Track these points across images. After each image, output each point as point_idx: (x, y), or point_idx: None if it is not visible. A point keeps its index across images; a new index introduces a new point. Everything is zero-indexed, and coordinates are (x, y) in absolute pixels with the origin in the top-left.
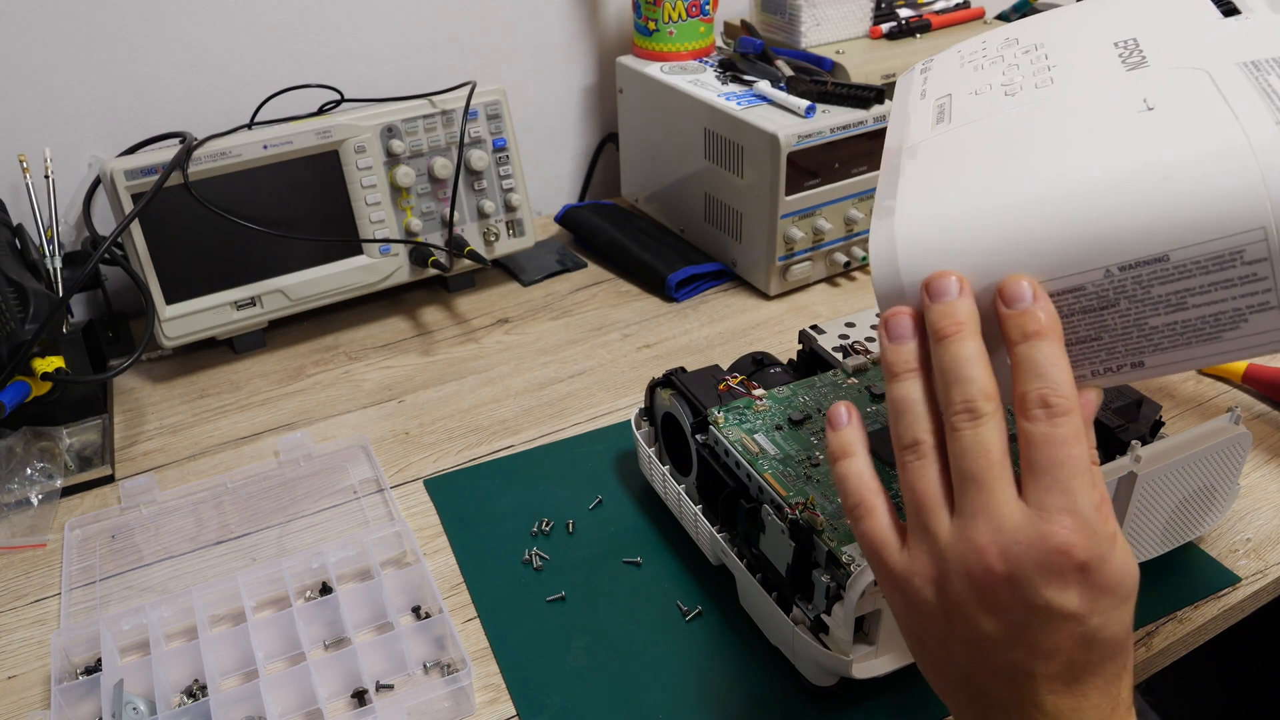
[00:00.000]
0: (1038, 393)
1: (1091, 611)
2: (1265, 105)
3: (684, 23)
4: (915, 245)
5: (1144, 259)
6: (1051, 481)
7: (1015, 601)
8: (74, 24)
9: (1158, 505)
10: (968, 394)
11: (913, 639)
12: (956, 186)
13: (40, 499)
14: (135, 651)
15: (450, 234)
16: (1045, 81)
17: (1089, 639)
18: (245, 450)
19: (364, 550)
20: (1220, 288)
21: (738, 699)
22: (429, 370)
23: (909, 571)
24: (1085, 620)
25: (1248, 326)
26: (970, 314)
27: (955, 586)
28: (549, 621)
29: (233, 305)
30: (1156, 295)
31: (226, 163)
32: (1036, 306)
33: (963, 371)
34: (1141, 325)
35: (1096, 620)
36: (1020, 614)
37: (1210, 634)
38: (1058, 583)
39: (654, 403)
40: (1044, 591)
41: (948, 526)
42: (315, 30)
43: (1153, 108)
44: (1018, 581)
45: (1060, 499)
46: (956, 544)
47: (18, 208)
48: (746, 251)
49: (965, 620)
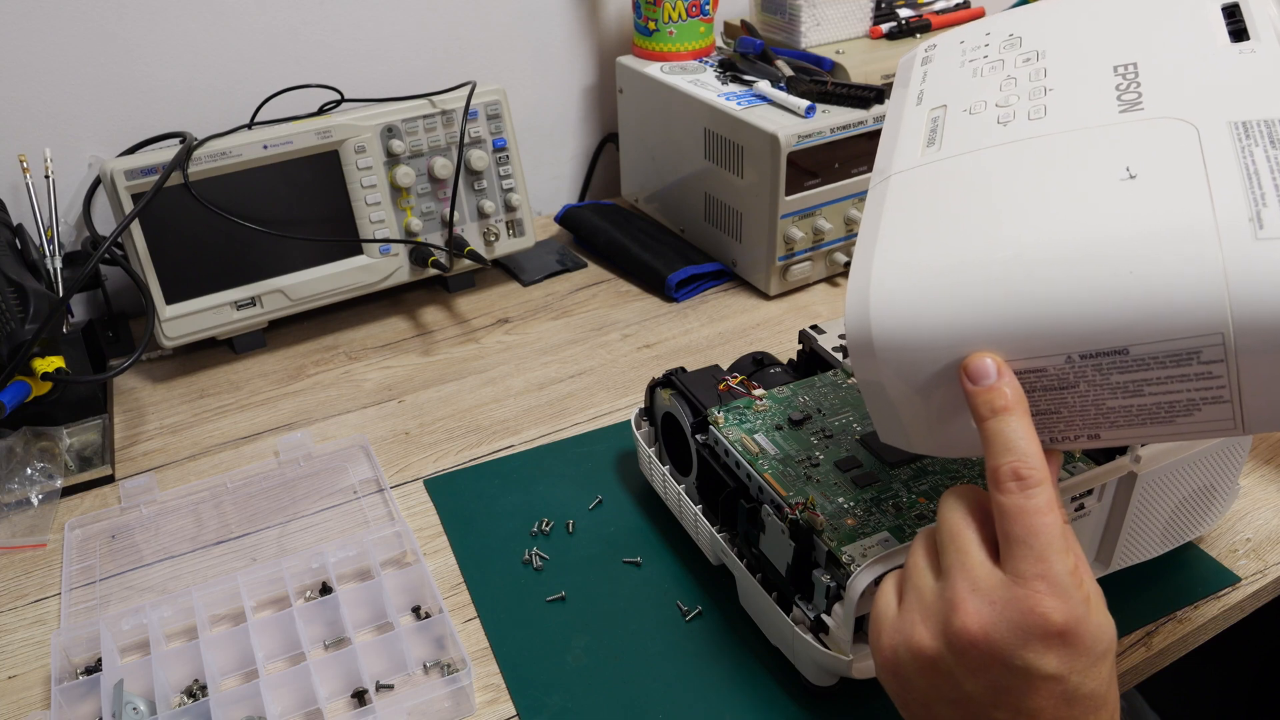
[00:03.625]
0: (1009, 466)
1: (1070, 671)
2: (1243, 192)
3: (684, 23)
4: (887, 311)
5: (1104, 350)
6: (1026, 550)
7: (994, 662)
8: (74, 24)
9: (1158, 505)
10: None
11: (899, 701)
12: (934, 241)
13: (40, 499)
14: (135, 651)
15: (450, 234)
16: (1039, 110)
17: (1070, 696)
18: (245, 450)
19: (364, 550)
20: (1176, 380)
21: (738, 699)
22: (429, 370)
23: (903, 628)
24: (1065, 680)
25: (1201, 415)
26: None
27: (938, 644)
28: (549, 621)
29: (233, 305)
30: (1115, 381)
31: (226, 163)
32: (1002, 383)
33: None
34: (1099, 405)
35: (1076, 679)
36: (1000, 675)
37: (1210, 634)
38: (1037, 646)
39: (654, 403)
40: (1023, 654)
41: (932, 585)
42: (315, 30)
43: (1134, 176)
44: (995, 642)
45: (1035, 566)
46: (937, 604)
47: (18, 208)
48: (746, 251)
49: (947, 679)
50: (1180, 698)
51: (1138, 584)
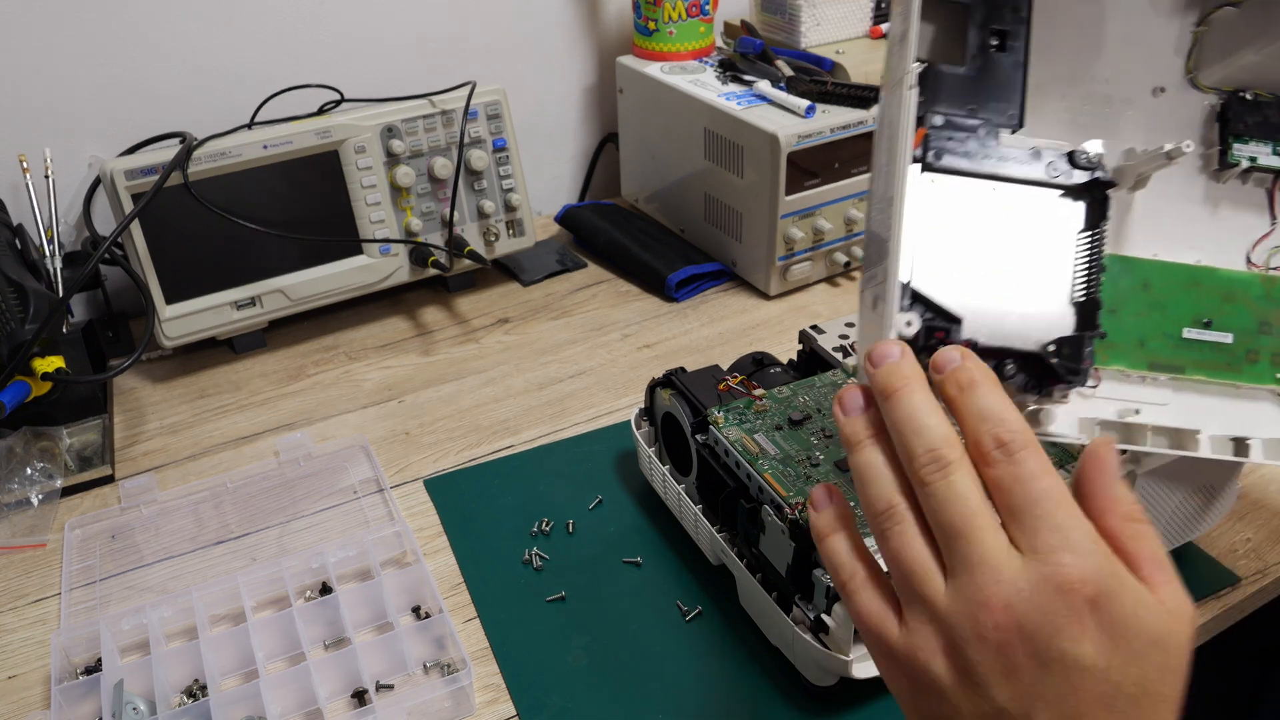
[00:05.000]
0: (990, 434)
1: (1110, 665)
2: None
3: (684, 23)
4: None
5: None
6: (1034, 521)
7: (1029, 659)
8: (74, 24)
9: (1158, 505)
10: (929, 442)
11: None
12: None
13: (40, 499)
14: (135, 651)
15: (450, 234)
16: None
17: (1111, 699)
18: (245, 450)
19: (364, 550)
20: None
21: (738, 699)
22: (429, 370)
23: (912, 648)
24: (1105, 675)
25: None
26: (915, 370)
27: (966, 653)
28: (549, 621)
29: (233, 305)
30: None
31: (226, 163)
32: (968, 362)
33: (918, 422)
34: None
35: (1117, 675)
36: (1034, 674)
37: (1210, 634)
38: (1073, 628)
39: (654, 403)
40: (1058, 642)
41: (943, 590)
42: (315, 30)
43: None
44: (1029, 634)
45: (1051, 537)
46: (957, 605)
47: (18, 208)
48: (746, 251)
49: (977, 691)
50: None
51: None
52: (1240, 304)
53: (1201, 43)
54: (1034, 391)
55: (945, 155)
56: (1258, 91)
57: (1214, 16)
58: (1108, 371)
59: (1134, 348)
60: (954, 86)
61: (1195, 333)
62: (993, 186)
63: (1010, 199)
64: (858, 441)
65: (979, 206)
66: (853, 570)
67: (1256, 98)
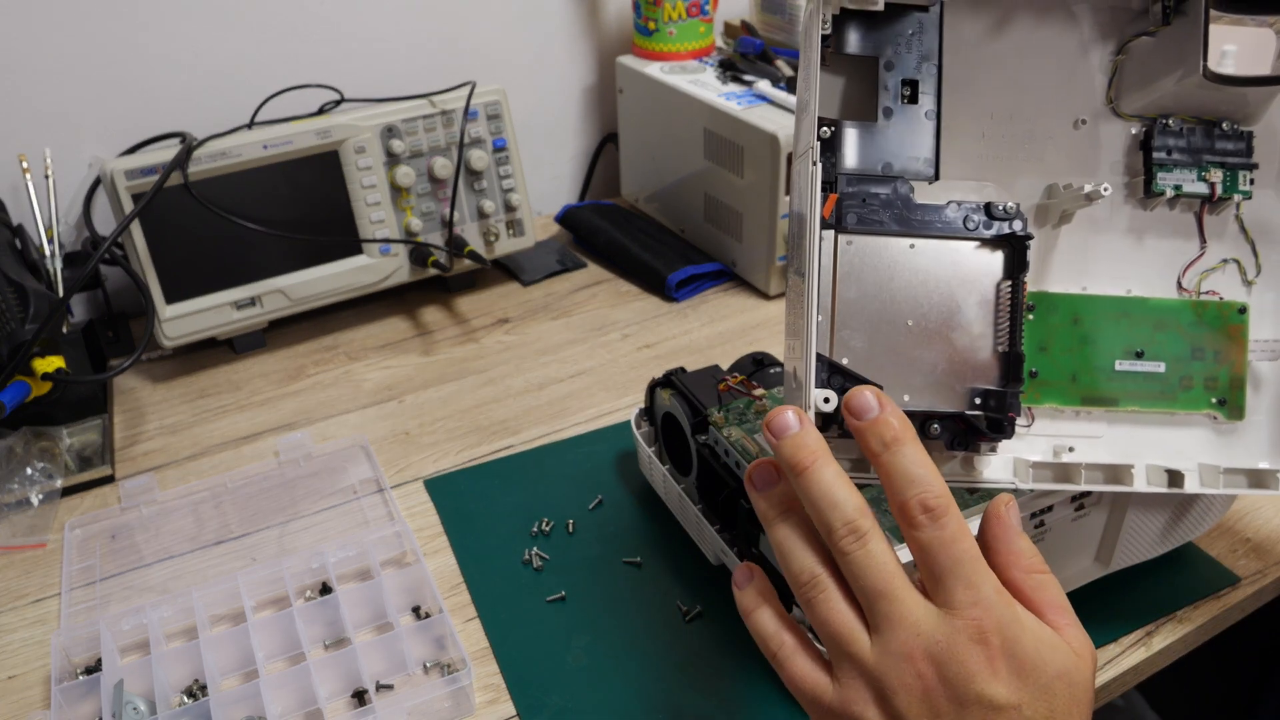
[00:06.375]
0: (916, 499)
1: (1021, 701)
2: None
3: (684, 23)
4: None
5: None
6: (954, 580)
7: (950, 702)
8: (74, 24)
9: (1158, 505)
10: (845, 516)
11: None
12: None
13: (40, 499)
14: (135, 651)
15: (450, 234)
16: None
17: None
18: (245, 450)
19: (364, 550)
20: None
21: (738, 699)
22: (429, 370)
23: (846, 702)
24: (1019, 711)
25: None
26: (818, 443)
27: (894, 702)
28: (549, 621)
29: (233, 305)
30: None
31: (226, 163)
32: (886, 414)
33: (833, 497)
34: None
35: (1029, 711)
36: (955, 714)
37: (1210, 634)
38: (987, 671)
39: (654, 403)
40: (975, 685)
41: (869, 647)
42: (315, 30)
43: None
44: (949, 679)
45: (965, 594)
46: (884, 660)
47: (18, 208)
48: (746, 251)
49: None
50: (1180, 698)
51: (1138, 584)
52: (1172, 331)
53: (1121, 71)
54: (960, 449)
55: (859, 217)
56: (1180, 116)
57: (1132, 45)
58: (1041, 409)
59: (1066, 384)
60: (867, 144)
61: (1128, 364)
62: (910, 243)
63: (929, 253)
64: (773, 518)
65: (897, 264)
66: (780, 640)
67: (1179, 124)
